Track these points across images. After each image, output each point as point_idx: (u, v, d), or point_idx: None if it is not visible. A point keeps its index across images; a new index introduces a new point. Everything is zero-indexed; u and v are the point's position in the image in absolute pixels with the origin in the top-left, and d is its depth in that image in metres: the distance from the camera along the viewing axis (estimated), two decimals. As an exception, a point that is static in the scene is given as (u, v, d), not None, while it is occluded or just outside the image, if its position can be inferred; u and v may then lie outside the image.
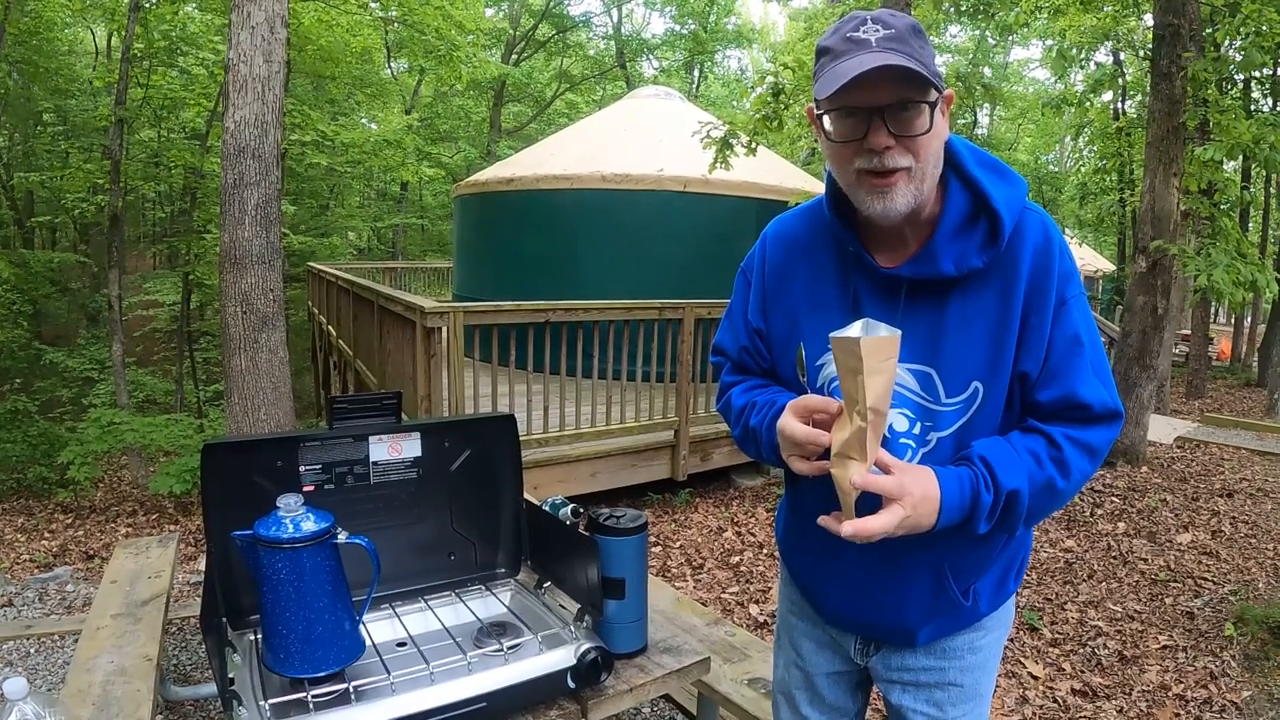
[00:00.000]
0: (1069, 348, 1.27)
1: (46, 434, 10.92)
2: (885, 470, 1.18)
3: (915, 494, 1.17)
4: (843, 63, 1.16)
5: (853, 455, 1.14)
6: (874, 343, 1.09)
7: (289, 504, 1.46)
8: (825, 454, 1.22)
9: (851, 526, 1.14)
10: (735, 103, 26.92)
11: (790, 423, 1.24)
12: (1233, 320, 20.19)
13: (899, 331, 1.13)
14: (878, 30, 1.16)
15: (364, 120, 18.64)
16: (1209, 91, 7.21)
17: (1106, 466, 6.87)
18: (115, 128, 11.01)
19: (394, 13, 14.43)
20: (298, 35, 11.18)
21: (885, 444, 1.29)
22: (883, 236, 1.32)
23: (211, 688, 2.43)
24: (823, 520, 1.20)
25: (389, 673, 1.51)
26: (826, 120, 1.23)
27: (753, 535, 5.43)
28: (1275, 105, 13.46)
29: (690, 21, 26.32)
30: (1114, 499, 6.15)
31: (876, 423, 1.13)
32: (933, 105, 1.18)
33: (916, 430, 1.32)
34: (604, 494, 5.64)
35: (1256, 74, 11.17)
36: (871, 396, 1.10)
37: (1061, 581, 4.70)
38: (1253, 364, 17.56)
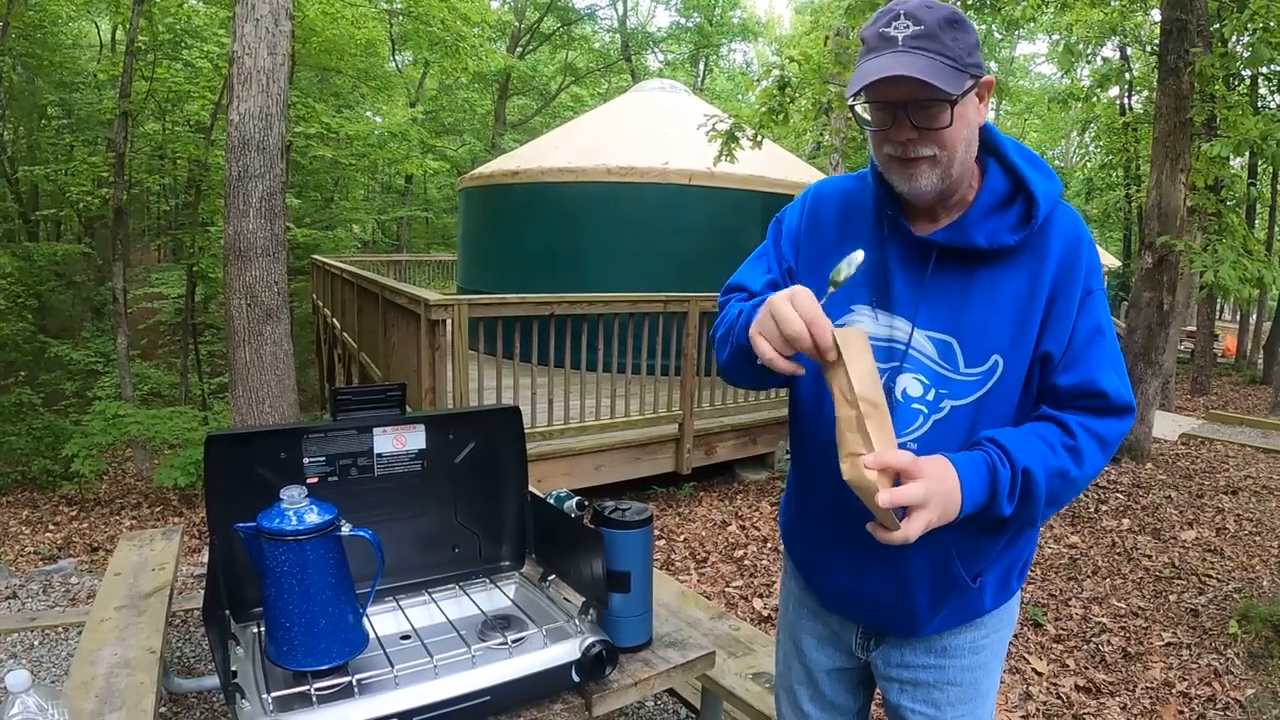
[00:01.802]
0: (1091, 336, 1.30)
1: (51, 427, 10.95)
2: (903, 477, 1.14)
3: (938, 490, 1.16)
4: (870, 60, 1.22)
5: (859, 451, 1.12)
6: (844, 332, 1.13)
7: (292, 496, 1.46)
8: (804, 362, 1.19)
9: (901, 534, 1.13)
10: (741, 96, 26.87)
11: (804, 298, 1.15)
12: (1238, 317, 20.13)
13: (864, 329, 1.16)
14: (907, 27, 1.20)
15: (368, 113, 18.63)
16: (1216, 87, 7.18)
17: (1111, 462, 6.85)
18: (119, 121, 11.03)
19: (399, 5, 14.42)
20: (302, 28, 11.16)
21: (896, 409, 1.31)
22: (920, 210, 1.36)
23: (215, 679, 2.43)
24: (870, 527, 1.18)
25: (392, 666, 1.50)
26: (860, 108, 1.29)
27: (757, 529, 5.43)
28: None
29: (695, 15, 26.30)
30: (1118, 495, 6.14)
31: (877, 416, 1.12)
32: (954, 101, 1.20)
33: (930, 397, 1.32)
34: (608, 487, 5.63)
35: (1264, 69, 11.11)
36: (858, 384, 1.11)
37: (1066, 577, 4.69)
38: (1258, 361, 17.53)
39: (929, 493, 1.14)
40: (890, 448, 1.13)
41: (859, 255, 1.21)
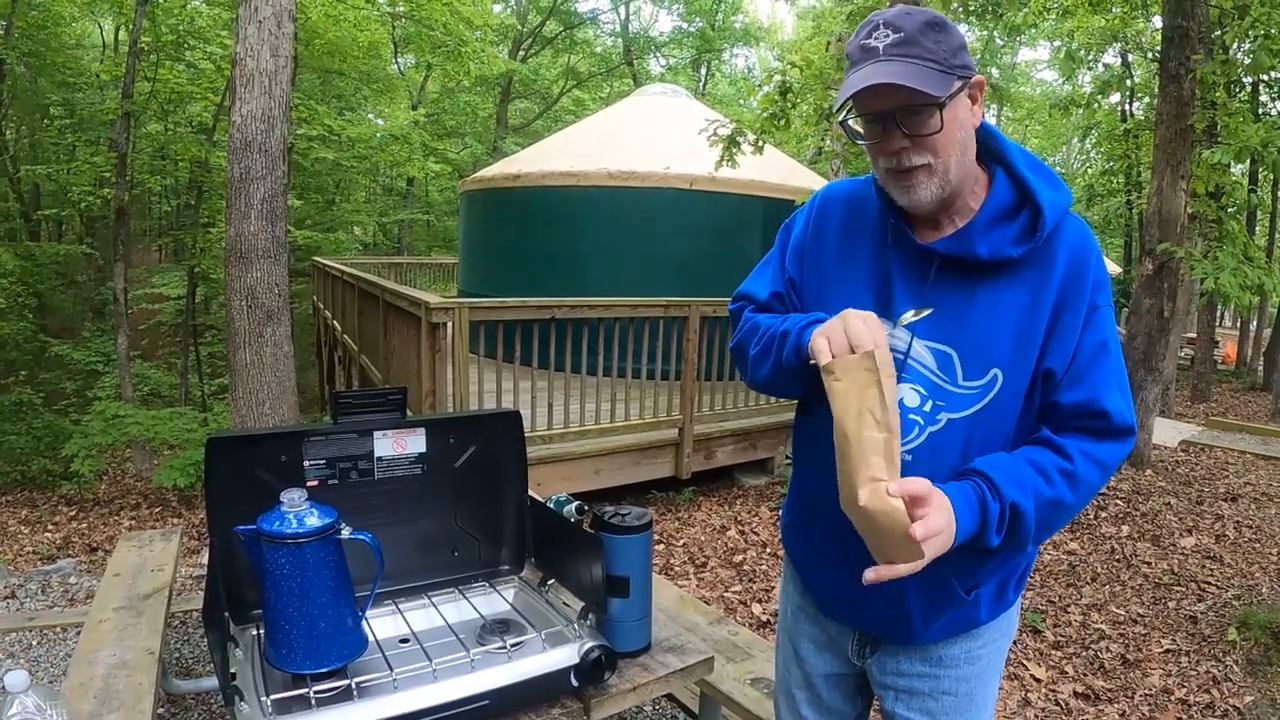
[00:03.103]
0: (1096, 352, 1.29)
1: (51, 426, 10.94)
2: (917, 506, 1.13)
3: (951, 520, 1.16)
4: (854, 73, 1.22)
5: (882, 477, 1.10)
6: (882, 354, 1.12)
7: (292, 499, 1.46)
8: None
9: (919, 563, 1.12)
10: (742, 101, 26.90)
11: (875, 320, 1.18)
12: (1239, 324, 20.14)
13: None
14: (887, 36, 1.21)
15: (371, 115, 18.64)
16: (1217, 94, 7.18)
17: (1111, 469, 6.85)
18: (122, 121, 11.03)
19: (401, 8, 14.44)
20: (305, 30, 11.18)
21: None
22: (923, 218, 1.35)
23: (213, 680, 2.43)
24: (876, 572, 1.15)
25: (391, 669, 1.51)
26: (853, 122, 1.30)
27: (756, 534, 5.43)
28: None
29: (698, 19, 26.31)
30: (1118, 502, 6.14)
31: (896, 444, 1.11)
32: (943, 104, 1.20)
33: (927, 408, 1.31)
34: (608, 491, 5.63)
35: (1265, 76, 11.12)
36: (891, 406, 1.09)
37: (1065, 584, 4.68)
38: (1258, 368, 17.54)
39: (948, 521, 1.13)
40: (898, 476, 1.12)
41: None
